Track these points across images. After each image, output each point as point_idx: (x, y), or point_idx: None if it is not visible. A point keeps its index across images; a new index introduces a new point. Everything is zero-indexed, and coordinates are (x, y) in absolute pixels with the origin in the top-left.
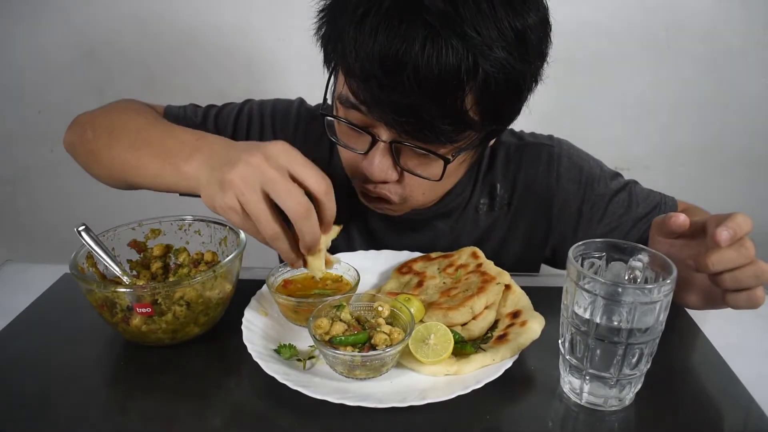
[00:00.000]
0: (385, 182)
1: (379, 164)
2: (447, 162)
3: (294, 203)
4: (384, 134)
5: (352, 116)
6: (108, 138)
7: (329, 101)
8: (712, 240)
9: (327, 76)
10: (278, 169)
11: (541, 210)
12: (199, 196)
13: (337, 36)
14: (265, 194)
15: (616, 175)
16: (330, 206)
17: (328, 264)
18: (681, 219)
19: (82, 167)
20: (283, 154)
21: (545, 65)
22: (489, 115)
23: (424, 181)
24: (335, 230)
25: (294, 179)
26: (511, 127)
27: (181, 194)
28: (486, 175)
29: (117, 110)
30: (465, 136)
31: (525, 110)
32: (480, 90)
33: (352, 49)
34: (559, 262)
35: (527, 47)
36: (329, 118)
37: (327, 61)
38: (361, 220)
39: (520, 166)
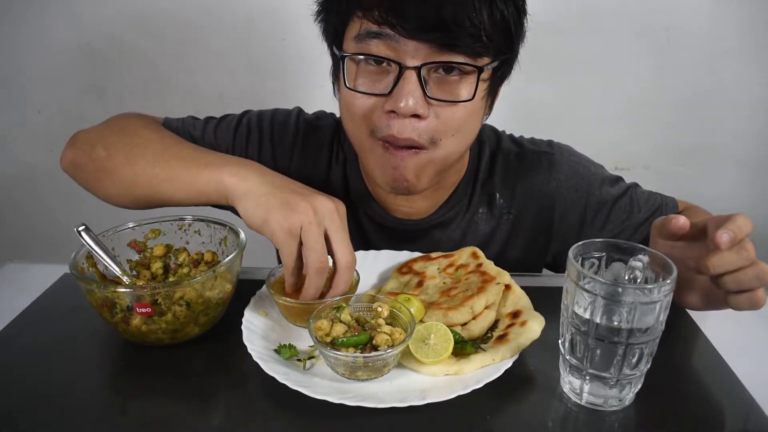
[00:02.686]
0: (414, 116)
1: (409, 92)
2: (480, 71)
3: (347, 253)
4: (410, 60)
5: (373, 51)
6: (128, 155)
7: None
8: (713, 242)
9: (328, 53)
10: (341, 221)
11: (542, 218)
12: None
13: None
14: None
15: (617, 179)
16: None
17: None
18: (681, 221)
19: (86, 186)
20: (344, 215)
21: (527, 17)
22: (500, 30)
23: (454, 118)
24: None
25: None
26: (510, 132)
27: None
28: (484, 183)
29: (128, 126)
30: (485, 53)
31: (517, 68)
32: (490, 6)
33: None
34: (561, 269)
35: None
36: (350, 60)
37: (329, 29)
38: (359, 231)
39: (519, 173)
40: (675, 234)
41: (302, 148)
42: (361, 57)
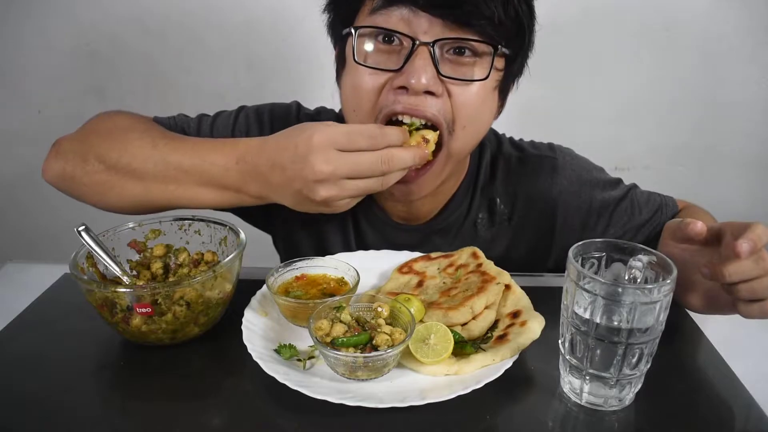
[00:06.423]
0: (428, 93)
1: (422, 67)
2: (495, 48)
3: (370, 163)
4: (423, 35)
5: (387, 24)
6: (128, 169)
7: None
8: (731, 251)
9: (333, 42)
10: (332, 178)
11: (544, 223)
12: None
13: None
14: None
15: (618, 182)
16: (392, 139)
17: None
18: (698, 227)
19: (81, 198)
20: (326, 164)
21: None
22: (512, 21)
23: (468, 99)
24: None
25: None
26: (511, 133)
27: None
28: (484, 188)
29: (116, 131)
30: (497, 38)
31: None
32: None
33: None
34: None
35: None
36: (360, 37)
37: (339, 15)
38: (359, 237)
39: (521, 178)
40: (691, 240)
41: None
42: (375, 29)
